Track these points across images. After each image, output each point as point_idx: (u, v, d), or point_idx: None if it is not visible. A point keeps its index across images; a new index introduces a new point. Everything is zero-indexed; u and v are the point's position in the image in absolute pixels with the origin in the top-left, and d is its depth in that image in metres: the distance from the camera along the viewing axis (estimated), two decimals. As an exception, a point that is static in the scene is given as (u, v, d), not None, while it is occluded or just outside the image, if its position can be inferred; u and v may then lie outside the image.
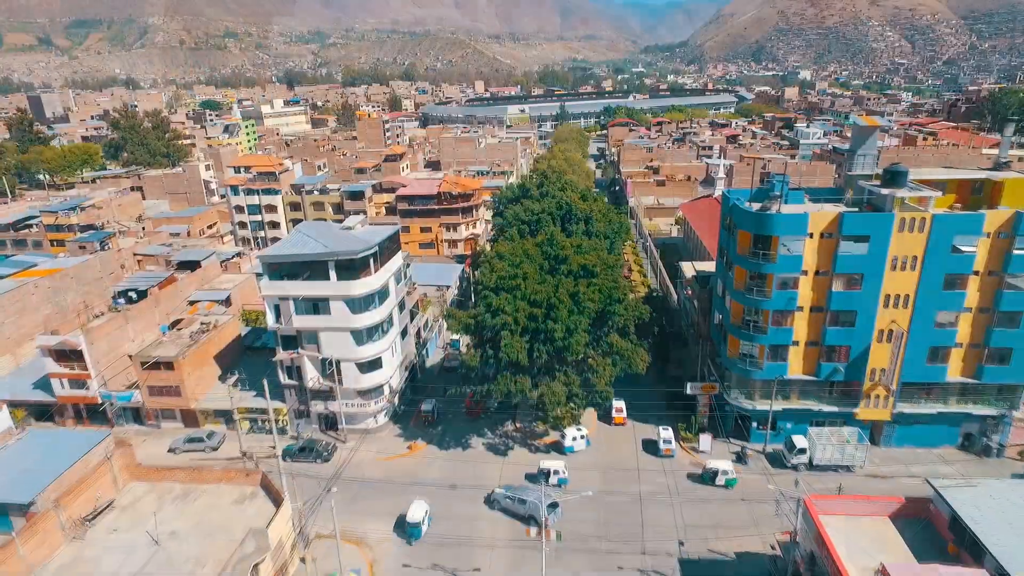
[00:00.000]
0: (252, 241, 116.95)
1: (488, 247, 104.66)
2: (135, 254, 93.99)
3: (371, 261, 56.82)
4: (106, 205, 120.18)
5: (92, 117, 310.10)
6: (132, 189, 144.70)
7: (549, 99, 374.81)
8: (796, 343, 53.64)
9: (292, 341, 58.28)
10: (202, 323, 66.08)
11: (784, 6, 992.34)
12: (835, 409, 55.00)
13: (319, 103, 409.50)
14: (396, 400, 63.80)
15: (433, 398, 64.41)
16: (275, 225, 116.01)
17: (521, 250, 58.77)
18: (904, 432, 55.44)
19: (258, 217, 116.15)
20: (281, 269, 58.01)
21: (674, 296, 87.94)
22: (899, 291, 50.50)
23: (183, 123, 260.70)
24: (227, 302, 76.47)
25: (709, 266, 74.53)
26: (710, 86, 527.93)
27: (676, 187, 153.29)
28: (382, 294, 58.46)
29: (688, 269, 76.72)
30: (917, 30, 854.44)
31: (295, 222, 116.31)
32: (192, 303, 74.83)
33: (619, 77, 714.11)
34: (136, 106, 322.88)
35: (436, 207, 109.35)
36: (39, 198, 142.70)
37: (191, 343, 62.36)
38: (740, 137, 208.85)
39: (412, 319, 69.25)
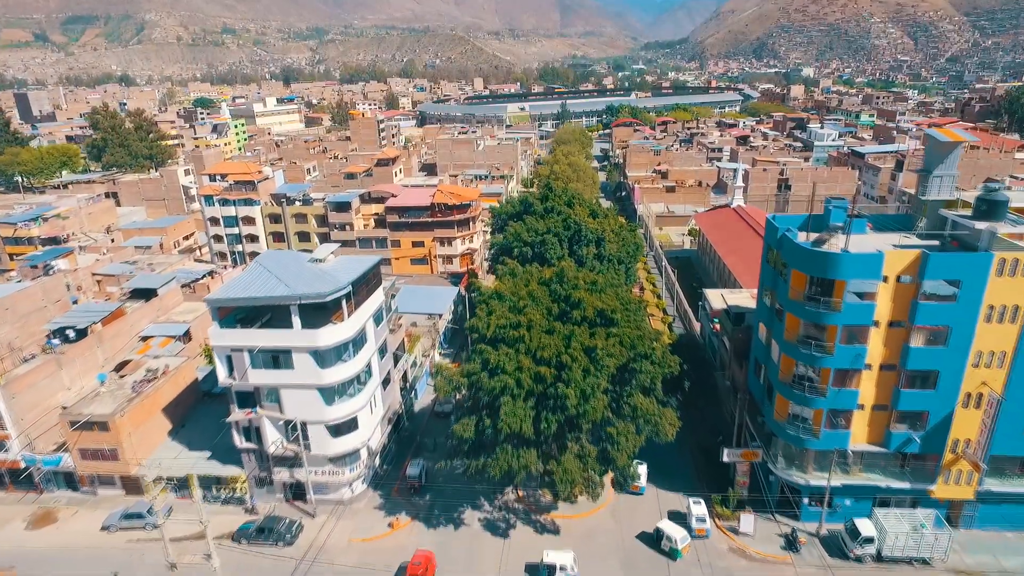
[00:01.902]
0: (228, 256, 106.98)
1: (486, 267, 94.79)
2: (94, 274, 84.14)
3: (343, 302, 47.02)
4: (73, 215, 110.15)
5: (81, 115, 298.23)
6: (107, 195, 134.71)
7: (550, 97, 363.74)
8: (861, 407, 43.92)
9: (250, 397, 48.57)
10: (148, 370, 56.20)
11: (785, 3, 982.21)
12: (906, 485, 45.22)
13: (315, 100, 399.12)
14: (377, 461, 54.09)
15: (420, 459, 54.64)
16: (254, 239, 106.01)
17: (525, 291, 48.75)
18: (989, 512, 45.70)
19: (235, 230, 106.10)
20: (235, 312, 48.33)
21: (695, 325, 78.19)
22: (994, 347, 40.70)
23: (172, 122, 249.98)
24: (187, 337, 66.64)
25: (740, 297, 64.68)
26: (712, 83, 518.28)
27: (687, 193, 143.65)
28: (357, 342, 48.56)
29: (716, 299, 66.47)
30: (919, 27, 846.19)
31: (275, 235, 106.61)
32: (145, 339, 64.98)
33: (620, 74, 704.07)
34: (126, 104, 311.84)
35: (430, 219, 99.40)
36: (3, 205, 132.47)
37: (133, 395, 52.59)
38: (750, 138, 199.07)
39: (396, 363, 59.36)
